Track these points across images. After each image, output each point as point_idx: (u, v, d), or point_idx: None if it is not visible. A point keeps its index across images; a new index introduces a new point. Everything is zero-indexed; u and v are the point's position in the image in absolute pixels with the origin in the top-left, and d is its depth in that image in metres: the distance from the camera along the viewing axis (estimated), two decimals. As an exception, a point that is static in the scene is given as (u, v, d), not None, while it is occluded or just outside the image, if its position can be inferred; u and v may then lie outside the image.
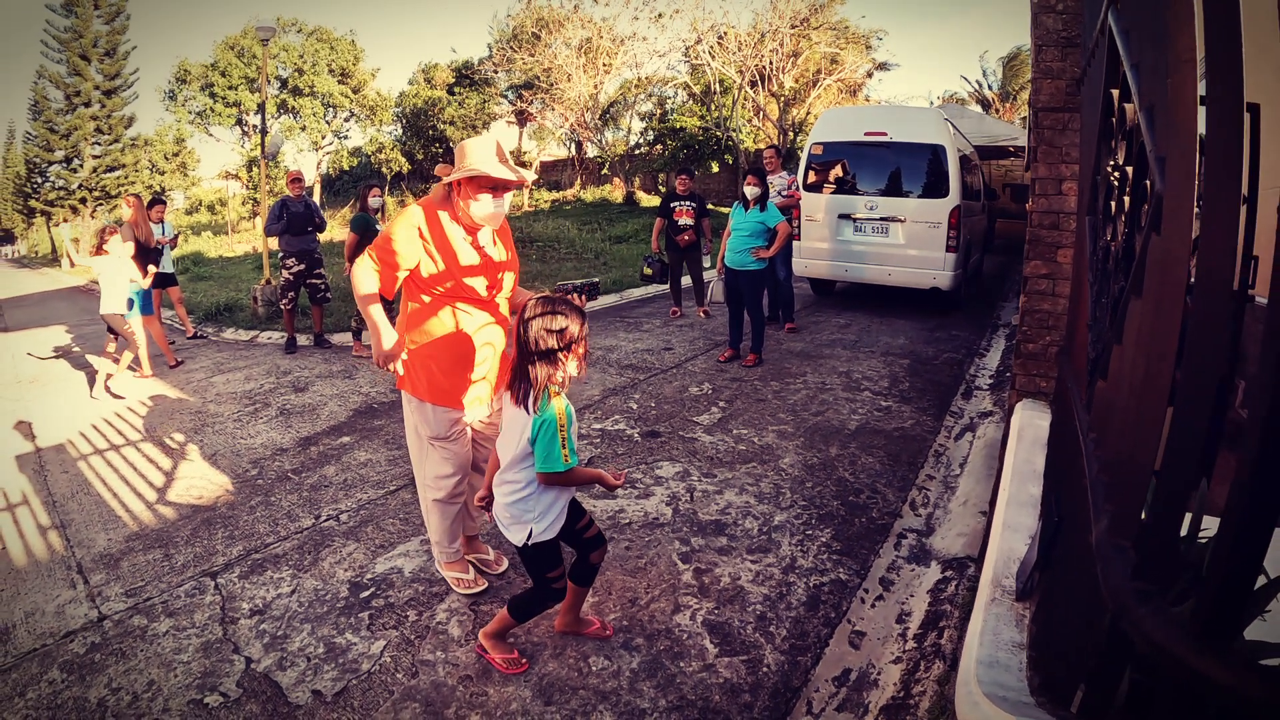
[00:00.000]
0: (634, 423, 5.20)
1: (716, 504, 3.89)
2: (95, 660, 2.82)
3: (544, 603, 2.56)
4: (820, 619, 2.94)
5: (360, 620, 2.98)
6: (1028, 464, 2.39)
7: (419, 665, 2.68)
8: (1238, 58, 0.97)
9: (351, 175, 34.78)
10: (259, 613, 3.07)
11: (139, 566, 3.52)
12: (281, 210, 7.76)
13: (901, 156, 8.78)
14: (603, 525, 3.64)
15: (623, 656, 2.69)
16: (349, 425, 5.42)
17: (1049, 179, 3.33)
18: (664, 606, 2.99)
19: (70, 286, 20.91)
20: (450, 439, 3.00)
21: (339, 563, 3.45)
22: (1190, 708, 0.87)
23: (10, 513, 4.25)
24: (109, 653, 2.86)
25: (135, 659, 2.81)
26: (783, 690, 2.53)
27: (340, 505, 4.06)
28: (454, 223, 2.84)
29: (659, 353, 7.22)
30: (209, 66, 32.29)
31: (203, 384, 6.90)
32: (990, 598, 1.71)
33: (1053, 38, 3.25)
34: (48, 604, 3.25)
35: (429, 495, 3.10)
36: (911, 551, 3.50)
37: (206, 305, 10.98)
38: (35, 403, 6.67)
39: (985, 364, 6.87)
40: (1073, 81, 3.23)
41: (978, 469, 4.32)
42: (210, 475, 4.61)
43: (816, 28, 22.90)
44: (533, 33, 26.18)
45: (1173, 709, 0.90)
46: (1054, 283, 3.30)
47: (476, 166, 2.69)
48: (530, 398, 2.32)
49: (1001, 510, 2.17)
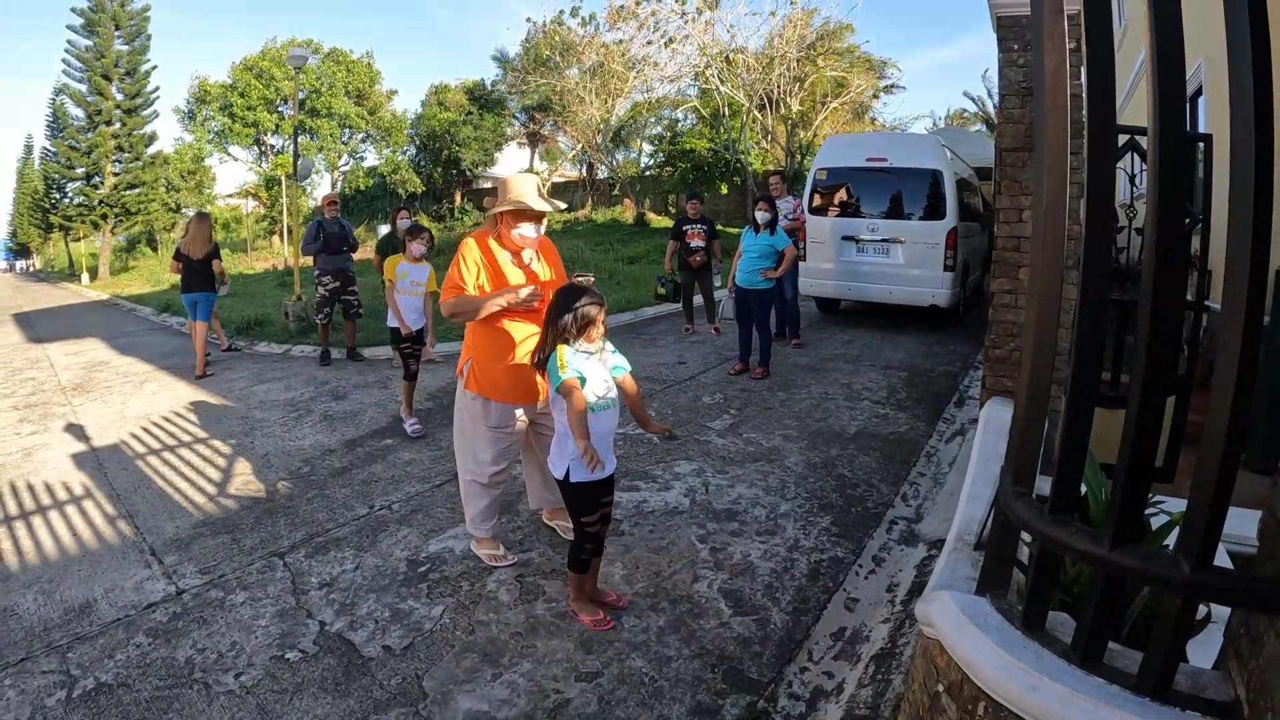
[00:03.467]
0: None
1: (729, 495, 4.34)
2: (179, 627, 3.19)
3: (582, 545, 3.03)
4: (820, 588, 3.39)
5: (420, 590, 3.42)
6: (991, 448, 2.85)
7: (475, 625, 3.12)
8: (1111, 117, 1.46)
9: (367, 196, 35.42)
10: (327, 585, 3.50)
11: (209, 549, 3.93)
12: (318, 230, 8.28)
13: (901, 181, 9.29)
14: (628, 513, 4.11)
15: (650, 616, 3.14)
16: (390, 429, 5.88)
17: (1011, 209, 3.86)
18: (685, 578, 3.45)
19: (93, 300, 21.47)
20: (504, 429, 3.54)
21: (395, 544, 3.89)
22: (1048, 559, 1.41)
23: (76, 504, 4.65)
24: (191, 620, 3.24)
25: (216, 624, 3.20)
26: (787, 643, 2.98)
27: (391, 497, 4.52)
28: (501, 248, 3.43)
29: (674, 366, 7.70)
30: (228, 87, 33.04)
31: (244, 392, 7.37)
32: (952, 548, 2.16)
33: (1014, 88, 3.77)
34: (125, 581, 3.62)
35: (468, 476, 3.60)
36: (901, 535, 3.96)
37: (236, 320, 11.47)
38: (82, 408, 7.12)
39: (978, 376, 7.28)
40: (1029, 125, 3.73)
41: (964, 467, 4.75)
42: (265, 472, 5.06)
43: (823, 53, 23.42)
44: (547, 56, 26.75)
45: (1040, 568, 1.43)
46: (1016, 297, 3.81)
47: (521, 200, 3.30)
48: None
49: (967, 485, 2.62)
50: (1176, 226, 1.33)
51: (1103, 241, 1.49)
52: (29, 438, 6.19)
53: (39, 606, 3.41)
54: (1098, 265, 1.48)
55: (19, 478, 5.18)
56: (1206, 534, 1.26)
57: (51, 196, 33.28)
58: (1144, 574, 1.37)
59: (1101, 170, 1.48)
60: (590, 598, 3.16)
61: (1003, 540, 1.65)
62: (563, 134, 30.78)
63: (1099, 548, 1.37)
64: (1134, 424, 1.34)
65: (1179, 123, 1.33)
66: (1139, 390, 1.33)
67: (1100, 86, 1.47)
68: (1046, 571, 1.51)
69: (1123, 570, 1.36)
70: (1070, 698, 1.36)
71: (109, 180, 30.85)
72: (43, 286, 32.32)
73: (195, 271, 8.45)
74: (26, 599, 3.48)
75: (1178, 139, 1.33)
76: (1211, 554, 1.27)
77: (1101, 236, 1.48)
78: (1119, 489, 1.36)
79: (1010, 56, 3.71)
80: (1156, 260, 1.33)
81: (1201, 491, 1.27)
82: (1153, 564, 1.34)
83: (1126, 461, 1.34)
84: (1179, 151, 1.34)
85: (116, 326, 13.79)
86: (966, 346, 8.69)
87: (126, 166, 31.37)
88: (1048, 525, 1.44)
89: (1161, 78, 1.32)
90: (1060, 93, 1.57)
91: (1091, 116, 1.51)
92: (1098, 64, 1.45)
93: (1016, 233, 3.78)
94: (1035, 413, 1.55)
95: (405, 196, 31.81)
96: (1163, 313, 1.33)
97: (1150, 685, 1.35)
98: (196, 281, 8.46)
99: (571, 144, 30.85)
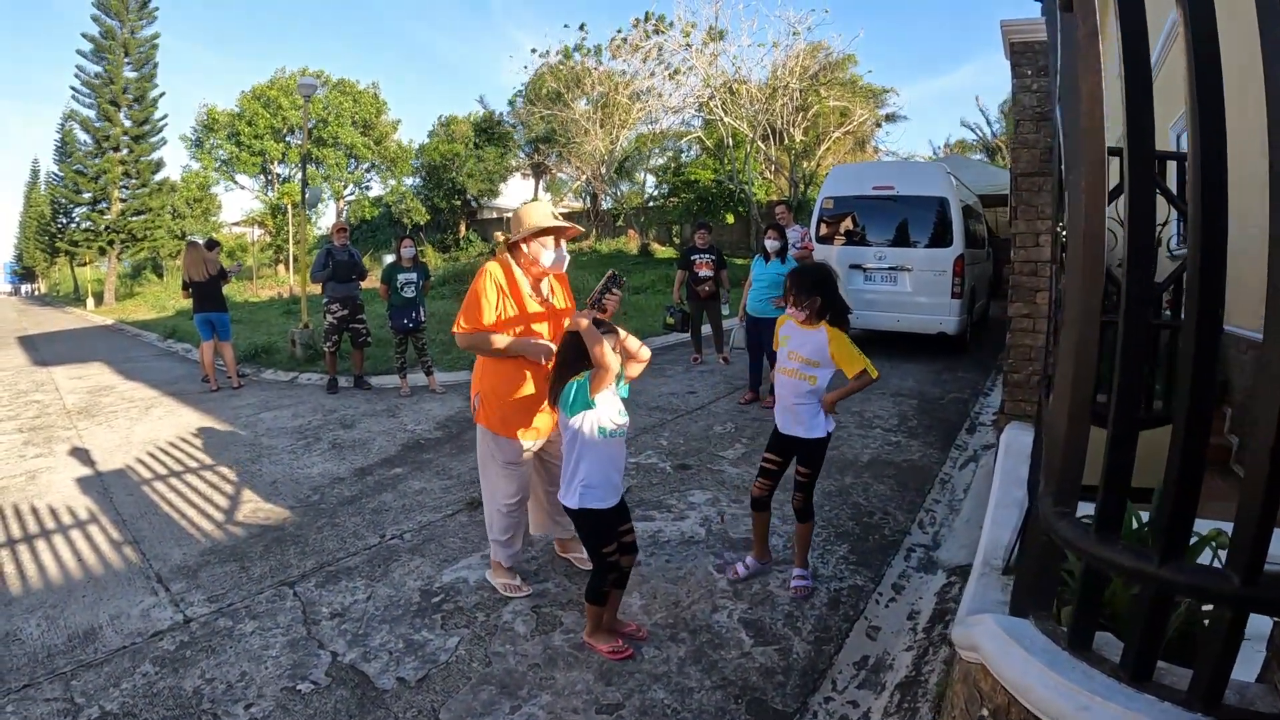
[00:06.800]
0: (665, 457, 5.62)
1: (745, 524, 4.28)
2: (186, 656, 3.13)
3: (604, 575, 2.97)
4: (841, 616, 3.34)
5: (434, 620, 3.36)
6: (1013, 473, 2.82)
7: (491, 656, 3.06)
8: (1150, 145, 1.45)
9: (372, 225, 35.64)
10: (339, 615, 3.44)
11: (217, 577, 3.88)
12: (327, 258, 8.30)
13: (907, 209, 9.32)
14: (643, 543, 4.04)
15: (670, 647, 3.08)
16: (400, 458, 5.84)
17: (1028, 233, 3.84)
18: (703, 608, 3.39)
19: (98, 325, 21.50)
20: (516, 464, 3.50)
21: (408, 574, 3.84)
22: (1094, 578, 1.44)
23: (81, 529, 4.61)
24: (199, 649, 3.18)
25: (225, 654, 3.14)
26: (810, 672, 2.92)
27: (402, 526, 4.47)
28: (522, 277, 3.42)
29: (684, 396, 7.66)
30: (235, 116, 33.41)
31: (252, 419, 7.34)
32: (980, 573, 2.13)
33: (1028, 113, 3.78)
34: (131, 608, 3.57)
35: (492, 505, 3.58)
36: (920, 562, 3.91)
37: (243, 347, 11.42)
38: (87, 432, 7.10)
39: (989, 402, 7.26)
40: (1045, 149, 3.73)
41: (980, 493, 4.72)
42: (273, 499, 5.02)
43: (825, 83, 23.65)
44: (552, 88, 27.01)
45: (1086, 587, 1.47)
46: (1034, 321, 3.79)
47: (541, 222, 3.32)
48: None
49: (991, 510, 2.60)
50: (1219, 250, 1.34)
51: (1145, 264, 1.48)
52: (34, 460, 6.16)
53: (43, 632, 3.36)
54: (1140, 288, 1.47)
55: (23, 500, 5.14)
56: (1255, 546, 1.26)
57: (58, 221, 33.53)
58: (1195, 589, 1.39)
59: (1143, 193, 1.47)
60: (607, 629, 3.11)
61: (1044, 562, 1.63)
62: (567, 165, 30.98)
63: (1148, 565, 1.38)
64: (1181, 443, 1.34)
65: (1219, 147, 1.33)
66: (1185, 409, 1.33)
67: (1138, 109, 1.46)
68: (1093, 591, 1.51)
69: (1172, 586, 1.37)
70: (1124, 716, 1.36)
71: (115, 206, 31.07)
72: (47, 310, 32.42)
73: (203, 293, 8.89)
74: (30, 624, 3.43)
75: (1218, 162, 1.33)
76: (1260, 566, 1.28)
77: (1144, 259, 1.47)
78: (1167, 506, 1.36)
79: (1024, 82, 3.73)
80: (1201, 283, 1.34)
81: (1249, 505, 1.27)
82: (1203, 578, 1.35)
83: (1175, 479, 1.35)
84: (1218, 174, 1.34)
85: (122, 351, 13.81)
86: (975, 373, 8.66)
87: (133, 192, 31.63)
88: (1096, 545, 1.43)
89: (1201, 101, 1.32)
90: (1096, 115, 1.57)
91: (1130, 139, 1.51)
92: (1137, 89, 1.45)
93: (1033, 257, 3.77)
94: (1077, 434, 1.54)
95: (410, 226, 31.99)
96: (1206, 332, 1.34)
97: (1201, 700, 1.36)
98: (205, 303, 8.93)
99: (575, 175, 31.03)
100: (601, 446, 2.87)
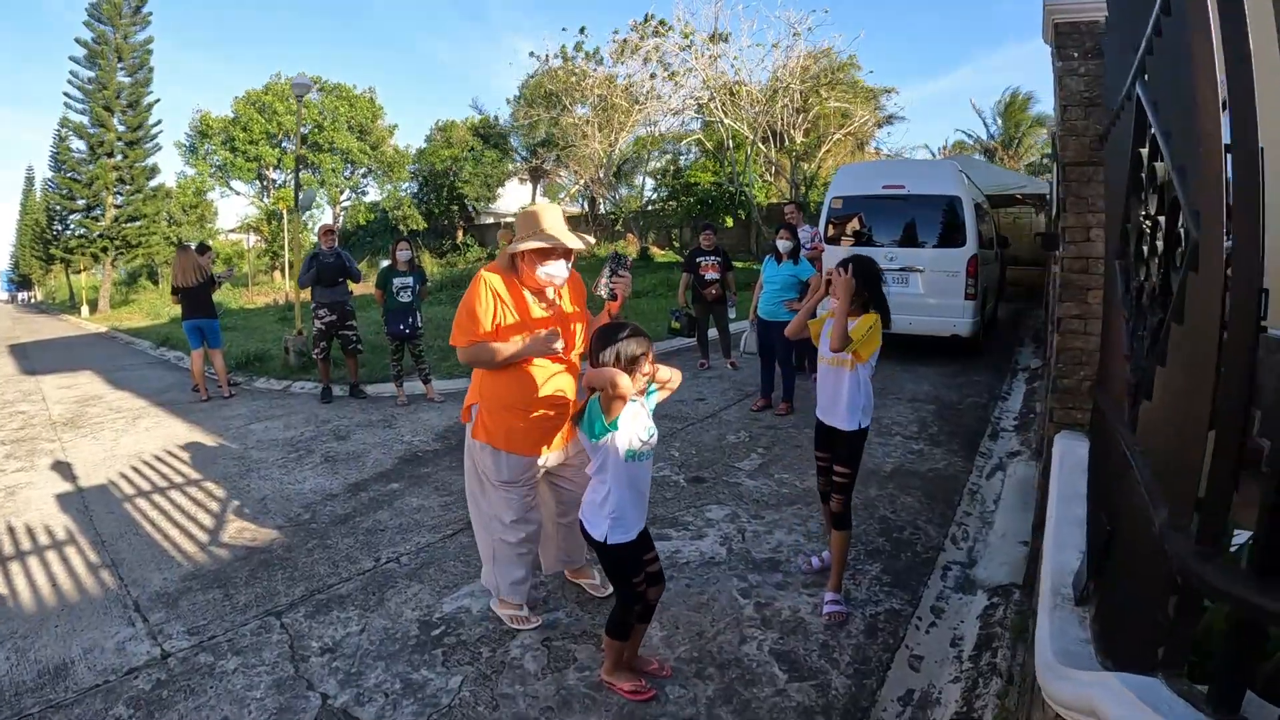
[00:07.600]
0: (678, 469, 5.32)
1: (768, 543, 4.01)
2: (163, 697, 2.86)
3: (629, 609, 2.67)
4: (880, 645, 3.06)
5: (434, 657, 3.07)
6: (1070, 488, 2.54)
7: (499, 698, 2.77)
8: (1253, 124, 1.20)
9: (369, 230, 35.38)
10: (329, 651, 3.15)
11: (199, 606, 3.60)
12: (312, 262, 7.97)
13: (919, 208, 9.02)
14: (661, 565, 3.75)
15: (697, 685, 2.79)
16: (396, 472, 5.55)
17: (1078, 228, 3.51)
18: (730, 638, 3.10)
19: (92, 333, 21.20)
20: (517, 484, 3.15)
21: (405, 603, 3.54)
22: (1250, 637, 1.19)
23: (57, 550, 4.33)
24: (176, 689, 2.91)
25: (205, 695, 2.87)
26: (853, 711, 2.63)
27: (399, 548, 4.17)
28: (522, 284, 3.08)
29: (692, 403, 7.35)
30: (230, 121, 33.13)
31: (241, 431, 7.04)
32: (1052, 605, 1.86)
33: (1076, 98, 3.46)
34: (106, 640, 3.30)
35: (496, 537, 3.22)
36: (957, 582, 3.64)
37: (236, 355, 11.15)
38: (71, 445, 6.81)
39: (1008, 407, 7.00)
40: (1096, 138, 3.43)
41: (1012, 505, 4.46)
42: (261, 518, 4.72)
43: (826, 84, 23.42)
44: (549, 91, 26.76)
45: (1236, 641, 1.21)
46: (1085, 322, 3.46)
47: (553, 237, 2.98)
48: None
49: (1051, 531, 2.32)
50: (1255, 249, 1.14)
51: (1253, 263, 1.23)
52: (13, 475, 5.88)
53: (11, 667, 3.10)
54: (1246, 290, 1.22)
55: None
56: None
57: (53, 228, 33.19)
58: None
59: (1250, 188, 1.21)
60: (628, 667, 2.82)
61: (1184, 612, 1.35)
62: (565, 169, 30.69)
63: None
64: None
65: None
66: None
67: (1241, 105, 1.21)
68: (1248, 646, 1.23)
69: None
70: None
71: (110, 212, 30.73)
72: (42, 318, 32.09)
73: (192, 299, 8.60)
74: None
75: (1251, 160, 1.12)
76: None
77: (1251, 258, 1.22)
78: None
79: (1070, 65, 3.44)
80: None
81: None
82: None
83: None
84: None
85: (113, 360, 13.49)
86: (990, 377, 8.39)
87: (128, 199, 31.27)
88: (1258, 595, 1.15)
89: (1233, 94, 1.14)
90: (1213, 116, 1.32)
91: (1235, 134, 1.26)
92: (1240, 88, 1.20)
93: (1084, 253, 3.45)
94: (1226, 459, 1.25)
95: (407, 232, 31.73)
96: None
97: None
98: (195, 310, 8.65)
99: (574, 179, 30.76)
100: (626, 471, 2.57)
